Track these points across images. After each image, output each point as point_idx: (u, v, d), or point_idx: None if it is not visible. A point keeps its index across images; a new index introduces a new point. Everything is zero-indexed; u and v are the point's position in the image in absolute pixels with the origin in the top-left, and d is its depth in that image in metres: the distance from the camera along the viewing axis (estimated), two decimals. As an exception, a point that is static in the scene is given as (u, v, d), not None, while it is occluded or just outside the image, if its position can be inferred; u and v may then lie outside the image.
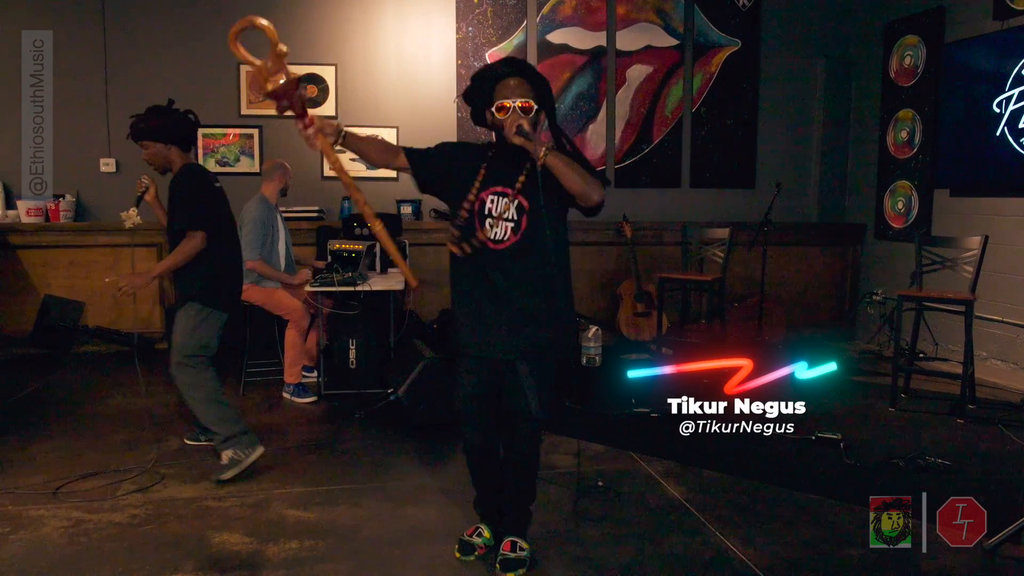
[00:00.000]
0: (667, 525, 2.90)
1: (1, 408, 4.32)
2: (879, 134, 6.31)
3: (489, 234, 2.41)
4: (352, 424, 4.13)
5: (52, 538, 2.75)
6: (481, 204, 2.42)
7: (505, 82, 2.36)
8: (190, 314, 3.37)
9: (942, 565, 2.59)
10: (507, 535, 2.59)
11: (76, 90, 5.86)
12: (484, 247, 2.41)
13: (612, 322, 6.17)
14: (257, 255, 4.57)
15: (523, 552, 2.54)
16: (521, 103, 2.33)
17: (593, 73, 6.46)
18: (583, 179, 2.28)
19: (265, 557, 2.62)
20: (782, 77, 6.68)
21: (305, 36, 6.10)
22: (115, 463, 3.50)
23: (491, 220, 2.41)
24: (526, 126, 2.28)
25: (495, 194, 2.42)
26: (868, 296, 6.29)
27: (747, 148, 6.70)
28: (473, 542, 2.63)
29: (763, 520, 2.96)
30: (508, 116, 2.32)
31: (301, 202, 5.90)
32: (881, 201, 6.34)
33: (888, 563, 2.60)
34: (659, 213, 6.55)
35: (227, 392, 3.59)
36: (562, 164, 2.27)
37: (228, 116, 6.09)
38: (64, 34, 5.83)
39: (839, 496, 3.17)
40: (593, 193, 2.30)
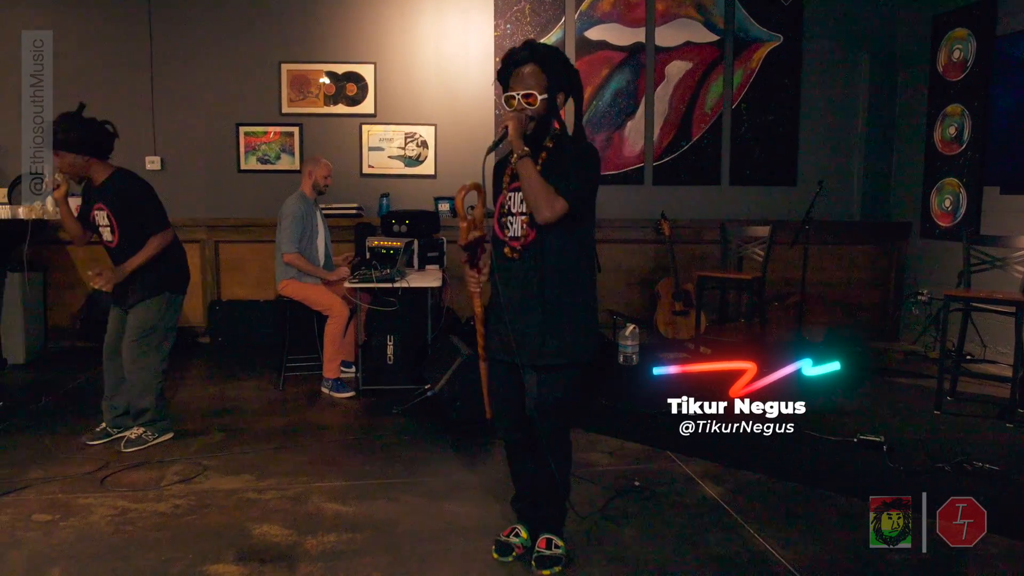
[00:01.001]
0: (705, 525, 2.87)
1: (51, 400, 4.45)
2: (926, 130, 6.16)
3: (509, 232, 2.42)
4: (390, 419, 4.17)
5: (100, 526, 2.83)
6: (502, 204, 2.45)
7: (520, 69, 2.35)
8: (161, 302, 3.63)
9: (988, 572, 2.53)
10: (542, 532, 2.58)
11: (122, 88, 6.01)
12: (503, 248, 2.43)
13: (650, 321, 6.13)
14: (295, 248, 4.63)
15: (558, 550, 2.53)
16: (523, 94, 2.32)
17: (631, 70, 6.42)
18: (532, 195, 2.28)
19: (304, 549, 2.66)
20: (825, 72, 6.56)
21: (345, 35, 6.16)
22: (159, 454, 3.58)
23: (511, 218, 2.43)
24: (511, 130, 2.28)
25: (515, 190, 2.42)
26: (913, 296, 6.15)
27: (788, 145, 6.59)
28: (510, 542, 2.61)
29: (803, 522, 2.91)
30: (510, 110, 2.33)
31: (340, 199, 5.97)
32: (927, 199, 6.19)
33: (932, 569, 2.54)
34: (698, 211, 6.48)
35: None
36: (522, 175, 2.29)
37: (269, 114, 6.18)
38: (111, 33, 5.99)
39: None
40: (537, 213, 2.30)
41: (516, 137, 2.29)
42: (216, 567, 2.52)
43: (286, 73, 6.14)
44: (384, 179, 6.26)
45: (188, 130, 6.12)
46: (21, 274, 5.34)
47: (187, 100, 6.12)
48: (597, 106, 6.43)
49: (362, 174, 6.26)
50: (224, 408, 4.39)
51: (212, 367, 5.46)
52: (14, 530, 2.78)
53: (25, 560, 2.57)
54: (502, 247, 2.44)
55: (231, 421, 4.13)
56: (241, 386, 4.86)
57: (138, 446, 3.63)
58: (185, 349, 5.91)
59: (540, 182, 2.29)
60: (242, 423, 4.09)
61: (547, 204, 2.28)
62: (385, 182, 6.24)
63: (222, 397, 4.63)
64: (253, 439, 3.83)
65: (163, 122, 6.10)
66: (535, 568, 2.49)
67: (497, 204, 2.48)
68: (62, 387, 4.75)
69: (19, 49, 4.74)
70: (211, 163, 6.18)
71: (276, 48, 6.11)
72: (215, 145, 6.17)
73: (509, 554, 2.58)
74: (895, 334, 6.48)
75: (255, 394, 4.68)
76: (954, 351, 4.66)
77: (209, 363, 5.58)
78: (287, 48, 6.13)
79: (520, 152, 2.29)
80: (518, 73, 2.34)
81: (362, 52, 6.19)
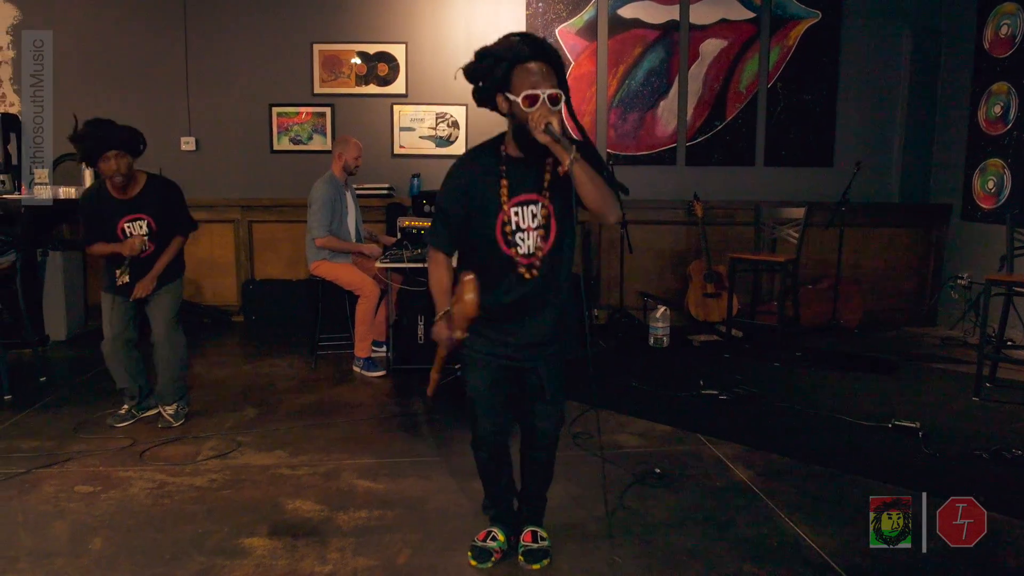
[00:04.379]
0: (735, 509, 2.86)
1: (91, 377, 4.56)
2: (969, 109, 5.99)
3: (519, 249, 2.20)
4: (420, 398, 4.20)
5: (139, 498, 2.90)
6: (504, 222, 2.19)
7: (526, 66, 2.07)
8: (181, 283, 3.84)
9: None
10: (527, 526, 2.51)
11: (158, 69, 6.08)
12: (515, 268, 2.22)
13: (681, 302, 6.08)
14: (325, 232, 4.67)
15: (544, 542, 2.47)
16: (551, 93, 2.05)
17: (665, 48, 6.32)
18: (603, 196, 2.09)
19: (335, 525, 2.70)
20: (864, 50, 6.39)
21: (375, 15, 6.16)
22: (195, 430, 3.66)
23: (521, 235, 2.19)
24: (556, 126, 2.01)
25: (519, 204, 2.19)
26: (953, 280, 6.02)
27: (825, 125, 6.46)
28: (488, 547, 2.46)
29: (835, 508, 2.88)
30: (536, 109, 2.04)
31: (371, 180, 5.99)
32: (970, 180, 6.02)
33: (966, 558, 2.50)
34: (731, 192, 6.39)
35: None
36: (586, 177, 2.05)
37: (301, 95, 6.21)
38: (147, 14, 6.06)
39: (916, 487, 3.02)
40: (610, 214, 2.11)
41: (562, 137, 2.04)
42: (250, 540, 2.57)
43: (318, 53, 6.15)
44: (415, 159, 6.27)
45: (222, 111, 6.18)
46: (62, 253, 5.47)
47: (221, 81, 6.17)
48: (629, 85, 6.35)
49: (393, 154, 6.28)
50: (257, 386, 4.46)
51: (246, 345, 5.55)
52: (58, 500, 2.87)
53: (69, 529, 2.65)
54: (512, 267, 2.21)
55: (264, 398, 4.19)
56: (274, 364, 4.94)
57: (182, 419, 3.74)
58: (219, 328, 6.01)
59: (602, 184, 2.09)
60: (275, 400, 4.16)
61: (612, 208, 2.11)
62: (416, 162, 6.25)
63: (255, 375, 4.70)
64: (286, 416, 3.89)
65: (197, 103, 6.16)
66: (524, 563, 2.42)
67: (498, 224, 2.20)
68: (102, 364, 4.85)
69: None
70: (245, 144, 6.23)
71: (308, 29, 6.13)
72: (248, 126, 6.22)
73: (488, 560, 2.43)
74: (933, 319, 6.35)
75: (288, 372, 4.75)
76: (995, 337, 4.55)
77: (243, 341, 5.67)
78: (319, 29, 6.14)
79: (574, 154, 2.03)
80: (526, 69, 2.07)
81: (393, 32, 6.18)
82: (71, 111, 3.95)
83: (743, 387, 4.28)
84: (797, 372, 4.77)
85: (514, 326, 2.28)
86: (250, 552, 2.50)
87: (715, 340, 5.63)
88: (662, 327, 5.45)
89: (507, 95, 2.11)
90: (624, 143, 6.40)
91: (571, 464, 3.14)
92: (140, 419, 3.77)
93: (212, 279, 6.23)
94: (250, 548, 2.53)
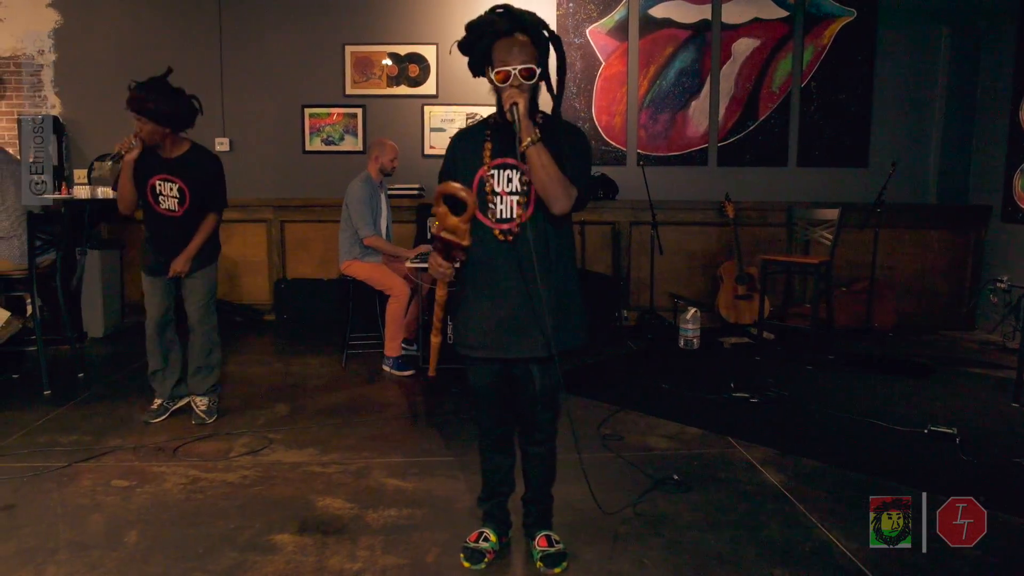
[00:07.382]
0: (765, 513, 2.82)
1: (127, 373, 4.65)
2: (1010, 108, 5.85)
3: (494, 215, 2.21)
4: (449, 398, 4.22)
5: (172, 493, 2.95)
6: (481, 181, 2.21)
7: (504, 40, 2.11)
8: (215, 267, 3.84)
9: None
10: (540, 530, 2.49)
11: (192, 70, 6.15)
12: (489, 232, 2.21)
13: (711, 304, 6.03)
14: (371, 231, 4.72)
15: (560, 545, 2.45)
16: (522, 69, 2.09)
17: (697, 48, 6.27)
18: (549, 186, 2.10)
19: (365, 522, 2.72)
20: (901, 49, 6.29)
21: (406, 15, 6.20)
22: (227, 427, 3.71)
23: (496, 198, 2.20)
24: (520, 108, 2.05)
25: (498, 167, 2.20)
26: (992, 283, 5.88)
27: (860, 125, 6.36)
28: (480, 548, 2.44)
29: (867, 514, 2.82)
30: (507, 86, 2.10)
31: (402, 180, 6.03)
32: (1010, 181, 5.89)
33: (1004, 566, 2.44)
34: (763, 192, 6.32)
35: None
36: (538, 163, 2.08)
37: (333, 96, 6.27)
38: (181, 14, 6.16)
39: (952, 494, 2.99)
40: (553, 204, 2.12)
41: (526, 117, 2.08)
42: (281, 536, 2.60)
43: (350, 55, 6.21)
44: (445, 160, 6.29)
45: (255, 112, 6.27)
46: (100, 251, 5.58)
47: (254, 82, 6.26)
48: (660, 86, 6.31)
49: (424, 155, 6.31)
50: (289, 384, 4.51)
51: (277, 344, 5.62)
52: (95, 494, 2.93)
53: (105, 522, 2.70)
54: (486, 232, 2.22)
55: (295, 396, 4.24)
56: (305, 363, 4.99)
57: (215, 415, 3.80)
58: (251, 326, 6.10)
59: (557, 170, 2.10)
60: (306, 399, 4.20)
61: (566, 194, 2.12)
62: (446, 163, 6.27)
63: (287, 373, 4.76)
64: (317, 414, 3.93)
65: (231, 104, 6.26)
66: (544, 568, 2.38)
67: (475, 182, 2.21)
68: (138, 360, 4.95)
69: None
70: (277, 144, 6.32)
71: (340, 30, 6.19)
72: (281, 127, 6.30)
73: (481, 561, 2.41)
74: (971, 323, 6.22)
75: (319, 371, 4.80)
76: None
77: (274, 340, 5.74)
78: (351, 30, 6.20)
79: (533, 137, 2.08)
80: (503, 43, 2.11)
81: (424, 33, 6.21)
82: (109, 113, 4.02)
83: (774, 390, 4.24)
84: (830, 375, 4.70)
85: (499, 306, 2.26)
86: (281, 548, 2.53)
87: (746, 342, 5.57)
88: (692, 329, 5.41)
89: (491, 70, 2.16)
90: (655, 144, 6.36)
91: (601, 466, 3.13)
92: (173, 415, 3.83)
93: (245, 278, 6.32)
94: (281, 544, 2.56)
